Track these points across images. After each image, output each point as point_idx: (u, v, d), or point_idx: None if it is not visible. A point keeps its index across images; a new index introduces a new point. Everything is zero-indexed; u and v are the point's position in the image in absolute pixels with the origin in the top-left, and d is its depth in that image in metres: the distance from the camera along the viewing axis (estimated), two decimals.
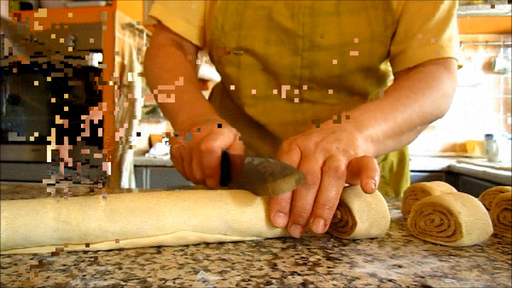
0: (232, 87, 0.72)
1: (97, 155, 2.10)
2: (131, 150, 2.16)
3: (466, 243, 0.39)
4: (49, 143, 2.15)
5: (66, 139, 1.91)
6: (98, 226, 0.36)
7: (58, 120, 2.16)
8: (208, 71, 2.46)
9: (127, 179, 2.14)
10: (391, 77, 0.73)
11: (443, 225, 0.40)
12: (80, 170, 2.00)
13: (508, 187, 0.49)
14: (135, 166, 2.20)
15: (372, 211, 0.41)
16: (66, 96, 2.12)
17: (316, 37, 0.65)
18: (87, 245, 0.36)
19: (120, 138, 2.14)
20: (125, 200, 0.38)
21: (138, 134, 2.29)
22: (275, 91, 0.70)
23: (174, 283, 0.29)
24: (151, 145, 2.55)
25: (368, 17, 0.64)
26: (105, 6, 2.18)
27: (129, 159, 2.15)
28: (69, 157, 1.88)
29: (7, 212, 0.36)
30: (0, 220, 0.35)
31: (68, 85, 2.13)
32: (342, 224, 0.42)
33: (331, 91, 0.69)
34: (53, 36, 2.09)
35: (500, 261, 0.36)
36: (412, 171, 1.09)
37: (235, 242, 0.40)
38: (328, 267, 0.33)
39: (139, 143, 2.44)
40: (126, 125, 2.15)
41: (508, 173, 1.53)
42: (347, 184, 0.43)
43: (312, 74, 0.67)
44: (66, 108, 2.12)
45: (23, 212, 0.36)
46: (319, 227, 0.38)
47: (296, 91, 0.69)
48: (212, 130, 0.48)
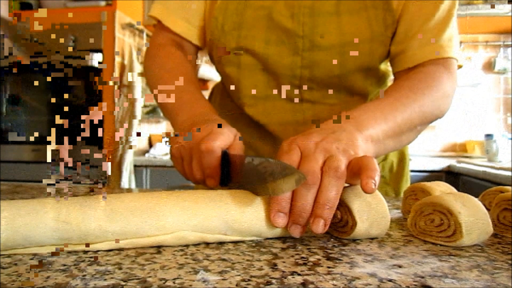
0: (232, 87, 0.72)
1: (97, 155, 2.10)
2: (131, 150, 2.16)
3: (466, 243, 0.39)
4: (49, 143, 2.15)
5: (66, 139, 1.91)
6: (98, 226, 0.36)
7: (58, 120, 2.16)
8: (208, 71, 2.46)
9: (127, 179, 2.14)
10: (391, 77, 0.73)
11: (443, 225, 0.40)
12: (80, 170, 2.00)
13: (508, 187, 0.49)
14: (135, 166, 2.20)
15: (372, 211, 0.41)
16: (66, 96, 2.12)
17: (316, 37, 0.65)
18: (87, 245, 0.36)
19: (120, 138, 2.14)
20: (125, 200, 0.38)
21: (138, 134, 2.30)
22: (275, 91, 0.70)
23: (174, 283, 0.29)
24: (151, 145, 2.55)
25: (368, 17, 0.64)
26: (105, 6, 2.18)
27: (129, 159, 2.15)
28: (69, 157, 1.88)
29: (7, 212, 0.36)
30: (0, 220, 0.35)
31: (68, 85, 2.13)
32: (342, 224, 0.42)
33: (331, 91, 0.69)
34: (53, 36, 2.10)
35: (500, 261, 0.36)
36: (412, 171, 1.09)
37: (235, 242, 0.40)
38: (328, 267, 0.33)
39: (139, 143, 2.44)
40: (126, 125, 2.15)
41: (508, 173, 1.53)
42: (347, 184, 0.43)
43: (312, 74, 0.67)
44: (66, 108, 2.12)
45: (23, 212, 0.36)
46: (319, 227, 0.39)
47: (296, 91, 0.69)
48: (212, 130, 0.48)
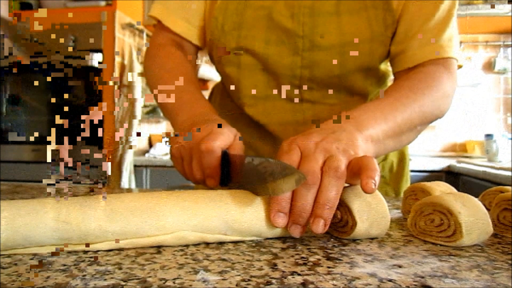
0: (232, 87, 0.72)
1: (97, 155, 2.10)
2: (131, 150, 2.16)
3: (466, 243, 0.39)
4: (49, 143, 2.15)
5: (66, 139, 1.91)
6: (98, 226, 0.36)
7: (58, 120, 2.16)
8: (208, 71, 2.46)
9: (127, 179, 2.14)
10: (391, 77, 0.73)
11: (443, 225, 0.40)
12: (80, 170, 2.00)
13: (508, 187, 0.49)
14: (135, 166, 2.20)
15: (372, 211, 0.41)
16: (66, 96, 2.12)
17: (316, 37, 0.65)
18: (87, 245, 0.36)
19: (120, 138, 2.14)
20: (125, 200, 0.38)
21: (138, 134, 2.30)
22: (275, 91, 0.70)
23: (174, 283, 0.29)
24: (151, 145, 2.55)
25: (368, 17, 0.64)
26: (105, 6, 2.18)
27: (129, 159, 2.15)
28: (69, 157, 1.88)
29: (7, 212, 0.36)
30: (0, 220, 0.35)
31: (68, 85, 2.13)
32: (342, 224, 0.42)
33: (331, 91, 0.69)
34: (53, 36, 2.10)
35: (500, 261, 0.36)
36: (412, 171, 1.09)
37: (235, 242, 0.40)
38: (328, 267, 0.33)
39: (139, 143, 2.44)
40: (126, 125, 2.15)
41: (508, 173, 1.53)
42: (347, 184, 0.43)
43: (312, 74, 0.67)
44: (66, 108, 2.12)
45: (23, 212, 0.36)
46: (319, 227, 0.39)
47: (296, 91, 0.69)
48: (212, 130, 0.48)
